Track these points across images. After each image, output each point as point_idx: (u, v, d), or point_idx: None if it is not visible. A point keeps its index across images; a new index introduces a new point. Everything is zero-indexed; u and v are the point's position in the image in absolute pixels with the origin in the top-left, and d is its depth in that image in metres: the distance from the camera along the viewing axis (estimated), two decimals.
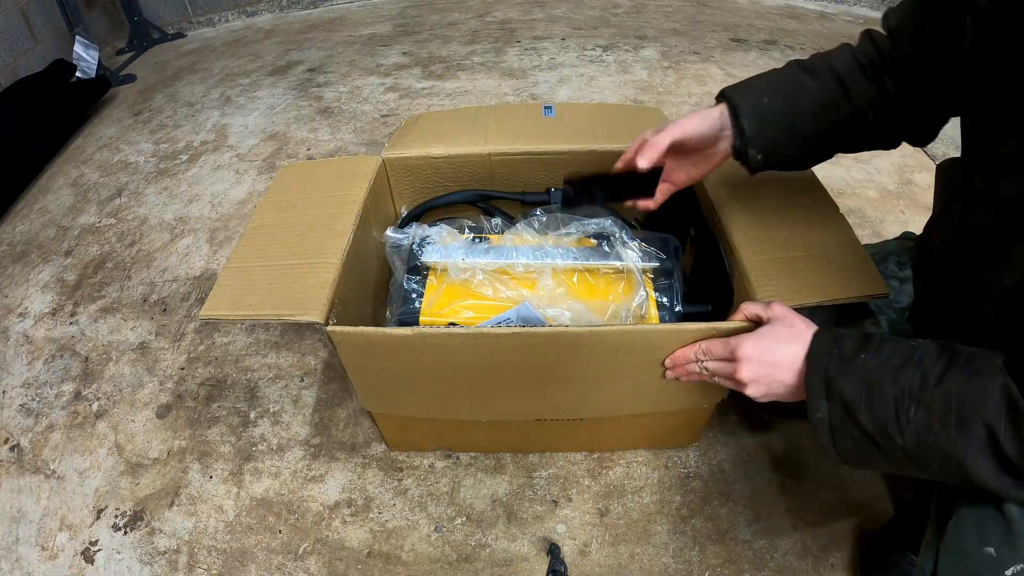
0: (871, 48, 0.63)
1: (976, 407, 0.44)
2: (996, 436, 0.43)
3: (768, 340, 0.57)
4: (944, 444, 0.45)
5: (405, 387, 0.70)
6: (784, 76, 0.65)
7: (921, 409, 0.46)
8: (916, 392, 0.46)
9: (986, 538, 0.46)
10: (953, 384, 0.45)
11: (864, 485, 0.89)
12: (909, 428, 0.46)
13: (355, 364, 0.67)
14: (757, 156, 0.64)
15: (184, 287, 1.30)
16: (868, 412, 0.48)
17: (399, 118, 1.83)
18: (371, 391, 0.73)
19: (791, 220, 0.73)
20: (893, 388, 0.47)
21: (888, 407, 0.47)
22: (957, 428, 0.44)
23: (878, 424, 0.48)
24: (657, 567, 0.82)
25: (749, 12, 2.59)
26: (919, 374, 0.47)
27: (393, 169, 0.91)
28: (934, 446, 0.46)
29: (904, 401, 0.47)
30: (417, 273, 0.81)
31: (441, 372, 0.64)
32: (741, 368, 0.57)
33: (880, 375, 0.48)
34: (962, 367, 0.46)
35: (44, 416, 1.06)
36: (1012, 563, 0.44)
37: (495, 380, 0.65)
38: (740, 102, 0.64)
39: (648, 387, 0.67)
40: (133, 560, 0.86)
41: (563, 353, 0.63)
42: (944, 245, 0.61)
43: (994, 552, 0.45)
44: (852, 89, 0.62)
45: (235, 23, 2.79)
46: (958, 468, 0.45)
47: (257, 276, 0.69)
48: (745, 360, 0.57)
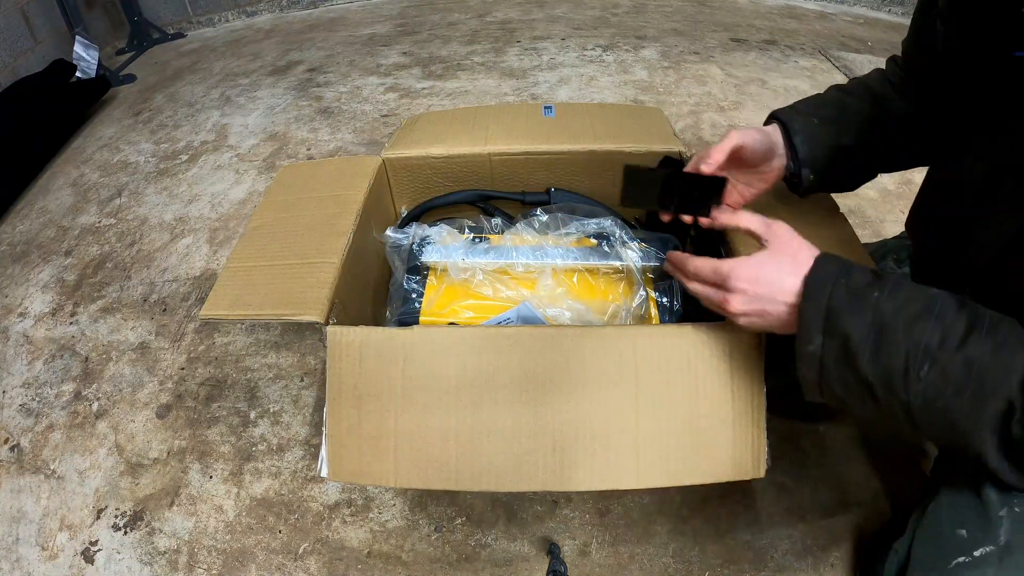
0: (896, 68, 0.66)
1: (998, 382, 0.41)
2: (1013, 414, 0.40)
3: (766, 269, 0.51)
4: (953, 411, 0.43)
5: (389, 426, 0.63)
6: (828, 98, 0.67)
7: (936, 370, 0.43)
8: (933, 350, 0.43)
9: (960, 521, 0.46)
10: (977, 351, 0.42)
11: (864, 485, 0.89)
12: (917, 387, 0.43)
13: (340, 374, 0.64)
14: (810, 176, 0.64)
15: (184, 287, 1.30)
16: (873, 359, 0.45)
17: (399, 118, 1.83)
18: (347, 437, 0.63)
19: (791, 219, 0.73)
20: (907, 339, 0.43)
21: (898, 359, 0.44)
22: (972, 399, 0.42)
23: (882, 374, 0.45)
24: (657, 567, 0.82)
25: (749, 12, 2.59)
26: (939, 330, 0.43)
27: (393, 169, 0.90)
28: (942, 410, 0.43)
29: (917, 356, 0.43)
30: (417, 273, 0.81)
31: (437, 385, 0.63)
32: (732, 300, 0.52)
33: (894, 321, 0.44)
34: (986, 333, 0.42)
35: (44, 416, 1.06)
36: (983, 545, 0.44)
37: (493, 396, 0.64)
38: (792, 122, 0.64)
39: None
40: (133, 560, 0.86)
41: (564, 353, 0.63)
42: (933, 232, 0.61)
43: (966, 534, 0.45)
44: (888, 104, 0.64)
45: (235, 23, 2.79)
46: (960, 437, 0.43)
47: (257, 276, 0.69)
48: (738, 292, 0.52)
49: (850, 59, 2.12)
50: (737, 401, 0.61)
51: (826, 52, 2.18)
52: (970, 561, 0.43)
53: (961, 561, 0.44)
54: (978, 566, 0.43)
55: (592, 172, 0.92)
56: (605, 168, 0.91)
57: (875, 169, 0.68)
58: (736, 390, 0.61)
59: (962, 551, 0.44)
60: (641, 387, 0.61)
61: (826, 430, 0.96)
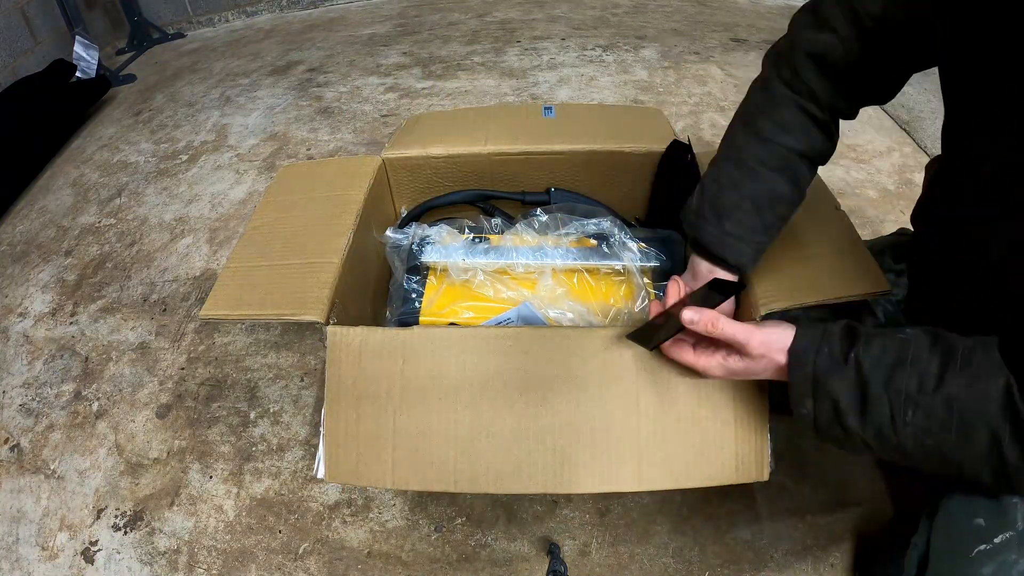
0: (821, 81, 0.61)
1: (978, 413, 0.42)
2: (999, 441, 0.42)
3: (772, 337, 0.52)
4: (944, 447, 0.44)
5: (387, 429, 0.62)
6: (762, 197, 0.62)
7: (920, 413, 0.45)
8: (914, 396, 0.45)
9: (975, 511, 0.47)
10: (953, 387, 0.44)
11: (864, 485, 0.89)
12: (906, 431, 0.45)
13: (339, 374, 0.64)
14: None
15: (184, 287, 1.30)
16: (860, 416, 0.47)
17: (399, 118, 1.83)
18: (345, 437, 0.63)
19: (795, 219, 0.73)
20: (888, 390, 0.46)
21: (883, 411, 0.46)
22: (958, 433, 0.43)
23: (872, 427, 0.47)
24: (657, 567, 0.82)
25: (749, 12, 2.59)
26: (916, 375, 0.45)
27: (393, 169, 0.90)
28: (933, 448, 0.45)
29: (901, 405, 0.45)
30: (417, 273, 0.81)
31: (437, 385, 0.63)
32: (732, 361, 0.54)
33: (873, 376, 0.47)
34: (960, 367, 0.44)
35: (44, 416, 1.06)
36: (1001, 532, 0.44)
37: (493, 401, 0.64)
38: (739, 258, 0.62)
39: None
40: (133, 560, 0.86)
41: (564, 354, 0.63)
42: (934, 232, 0.61)
43: (984, 523, 0.46)
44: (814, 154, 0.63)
45: (235, 23, 2.79)
46: (957, 469, 0.45)
47: (257, 276, 0.69)
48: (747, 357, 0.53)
49: None
50: (739, 402, 0.61)
51: None
52: (991, 548, 0.44)
53: (983, 548, 0.45)
54: (1000, 552, 0.44)
55: (592, 172, 0.92)
56: (605, 168, 0.91)
57: None
58: (738, 392, 0.61)
59: (982, 539, 0.45)
60: (642, 388, 0.61)
61: None
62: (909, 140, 1.64)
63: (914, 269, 0.73)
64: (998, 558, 0.43)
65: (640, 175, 0.92)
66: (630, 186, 0.93)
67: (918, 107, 1.79)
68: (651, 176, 0.92)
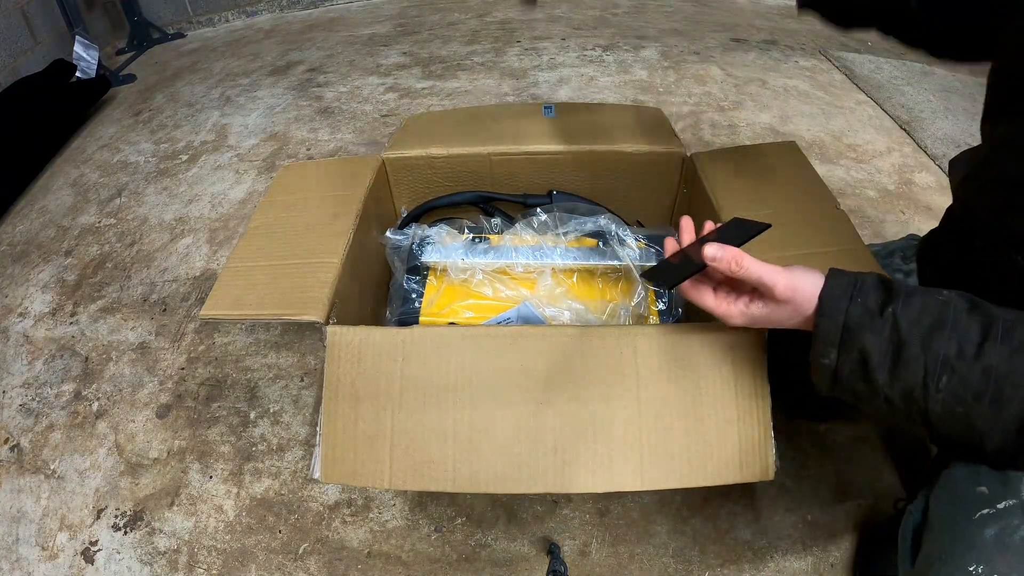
0: None
1: (1016, 388, 0.42)
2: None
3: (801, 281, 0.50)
4: (973, 417, 0.44)
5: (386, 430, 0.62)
6: None
7: (956, 379, 0.44)
8: (952, 361, 0.44)
9: (979, 480, 0.47)
10: (993, 358, 0.43)
11: (864, 485, 0.89)
12: (937, 397, 0.44)
13: (338, 374, 0.64)
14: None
15: (184, 287, 1.30)
16: (891, 374, 0.46)
17: (399, 118, 1.83)
18: (341, 438, 0.62)
19: (791, 217, 0.73)
20: (924, 352, 0.44)
21: (916, 373, 0.45)
22: (991, 405, 0.43)
23: (901, 387, 0.46)
24: (657, 567, 0.82)
25: (749, 12, 2.59)
26: (955, 341, 0.44)
27: (393, 169, 0.91)
28: (962, 415, 0.44)
29: (936, 368, 0.44)
30: (417, 273, 0.81)
31: (435, 381, 0.63)
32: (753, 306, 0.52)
33: (911, 335, 0.45)
34: (1002, 339, 0.43)
35: (44, 416, 1.06)
36: (1004, 499, 0.44)
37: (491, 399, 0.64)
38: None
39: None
40: (133, 560, 0.86)
41: (564, 353, 0.63)
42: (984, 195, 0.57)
43: (987, 491, 0.46)
44: None
45: (235, 23, 2.79)
46: (979, 439, 0.44)
47: (257, 276, 0.69)
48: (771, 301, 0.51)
49: (850, 59, 2.12)
50: (741, 401, 0.60)
51: (826, 52, 2.18)
52: (995, 512, 0.44)
53: (986, 512, 0.44)
54: (1003, 516, 0.43)
55: (592, 172, 0.92)
56: (605, 168, 0.91)
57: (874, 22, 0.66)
58: (740, 390, 0.61)
59: (985, 504, 0.45)
60: (642, 387, 0.61)
61: (826, 430, 0.96)
62: (909, 140, 1.64)
63: (925, 271, 0.72)
64: (1002, 521, 0.43)
65: (640, 175, 0.92)
66: (630, 186, 0.93)
67: (918, 107, 1.79)
68: (651, 176, 0.92)
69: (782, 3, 2.68)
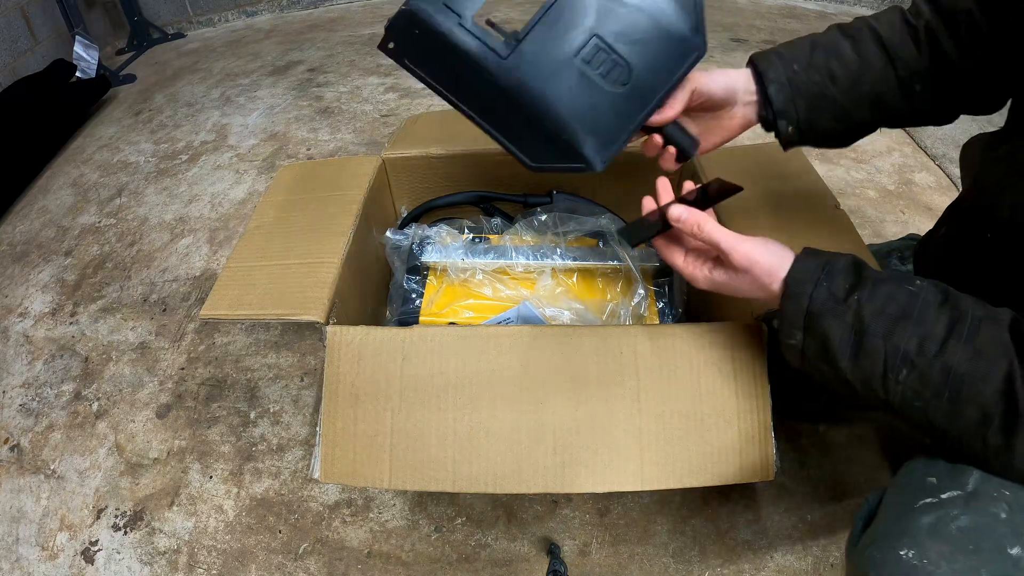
0: (928, 6, 0.57)
1: (974, 390, 0.42)
2: (989, 422, 0.42)
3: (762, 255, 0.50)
4: (931, 413, 0.44)
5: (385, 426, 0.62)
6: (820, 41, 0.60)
7: (915, 375, 0.44)
8: (912, 356, 0.44)
9: (932, 471, 0.46)
10: (954, 357, 0.42)
11: (864, 485, 0.89)
12: (896, 389, 0.45)
13: (338, 374, 0.64)
14: (788, 128, 0.61)
15: (184, 287, 1.30)
16: (852, 361, 0.46)
17: (399, 118, 1.83)
18: (341, 437, 0.62)
19: (791, 217, 0.73)
20: (886, 343, 0.44)
21: (876, 362, 0.45)
22: (949, 403, 0.43)
23: (861, 375, 0.46)
24: (657, 567, 0.82)
25: (749, 12, 2.59)
26: (917, 335, 0.44)
27: (393, 169, 0.91)
28: (920, 410, 0.44)
29: (896, 361, 0.44)
30: (417, 273, 0.81)
31: (436, 382, 0.63)
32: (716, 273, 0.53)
33: (873, 326, 0.45)
34: (966, 338, 0.43)
35: (44, 416, 1.06)
36: (950, 489, 0.44)
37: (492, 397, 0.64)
38: (767, 69, 0.60)
39: None
40: (133, 560, 0.86)
41: (564, 353, 0.63)
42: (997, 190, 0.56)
43: (936, 481, 0.45)
44: (897, 56, 0.57)
45: (235, 23, 2.79)
46: (940, 435, 0.45)
47: (257, 276, 0.69)
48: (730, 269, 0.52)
49: None
50: (741, 400, 0.60)
51: None
52: (936, 502, 0.44)
53: (928, 501, 0.44)
54: (943, 506, 0.43)
55: None
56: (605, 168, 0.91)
57: (873, 125, 0.62)
58: (740, 389, 0.61)
59: (930, 493, 0.45)
60: (642, 386, 0.61)
61: (826, 430, 0.95)
62: (909, 140, 1.64)
63: (922, 265, 0.72)
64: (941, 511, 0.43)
65: (641, 175, 0.92)
66: (631, 186, 0.93)
67: None
68: (651, 176, 0.92)
69: (782, 3, 2.68)
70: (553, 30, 0.61)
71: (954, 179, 1.46)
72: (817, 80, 0.59)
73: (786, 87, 0.59)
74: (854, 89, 0.59)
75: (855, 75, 0.59)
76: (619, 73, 0.60)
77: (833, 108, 0.60)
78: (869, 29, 0.59)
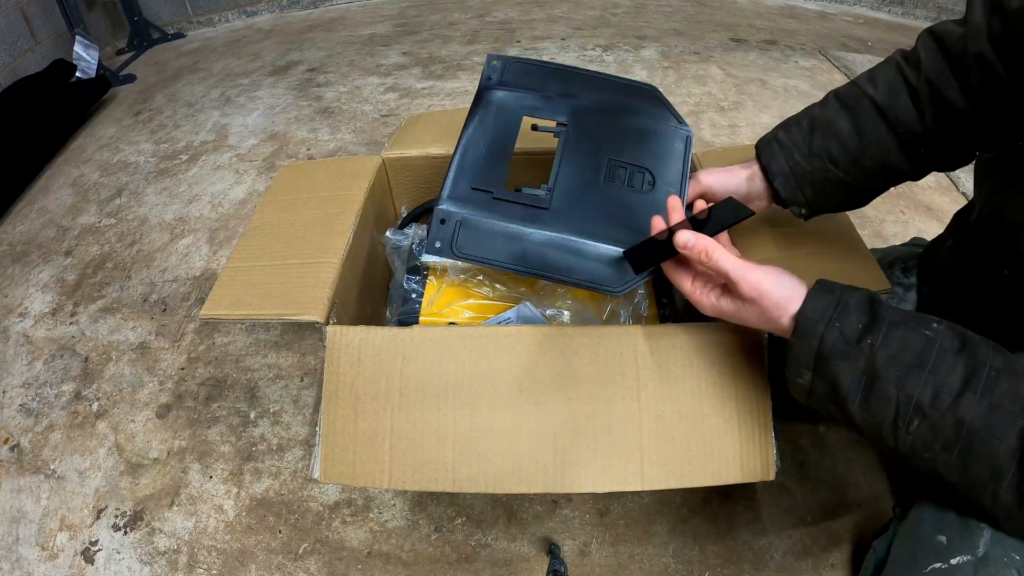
0: (930, 56, 0.55)
1: (987, 448, 0.40)
2: (999, 480, 0.40)
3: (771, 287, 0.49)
4: (940, 465, 0.43)
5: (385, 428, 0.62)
6: (819, 121, 0.61)
7: (926, 426, 0.42)
8: (925, 407, 0.42)
9: (942, 526, 0.45)
10: (968, 412, 0.41)
11: (864, 485, 0.89)
12: (906, 438, 0.43)
13: (338, 374, 0.64)
14: (801, 211, 0.63)
15: (184, 287, 1.30)
16: (862, 406, 0.45)
17: (399, 118, 1.83)
18: (341, 437, 0.62)
19: (791, 216, 0.73)
20: (898, 392, 0.43)
21: (887, 410, 0.43)
22: (960, 457, 0.41)
23: (870, 421, 0.45)
24: (657, 567, 0.82)
25: (749, 12, 2.59)
26: (931, 386, 0.42)
27: (393, 169, 0.90)
28: (929, 460, 0.43)
29: (908, 411, 0.42)
30: (417, 273, 0.81)
31: (436, 383, 0.63)
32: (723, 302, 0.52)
33: (886, 372, 0.43)
34: (982, 392, 0.41)
35: (44, 416, 1.06)
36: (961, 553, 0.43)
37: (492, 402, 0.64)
38: (771, 163, 0.61)
39: None
40: (133, 560, 0.86)
41: (564, 353, 0.63)
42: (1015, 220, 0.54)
43: (945, 541, 0.44)
44: (898, 123, 0.57)
45: (235, 23, 2.79)
46: (947, 487, 0.44)
47: (257, 276, 0.69)
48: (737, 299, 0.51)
49: (850, 59, 2.12)
50: (741, 401, 0.60)
51: (826, 52, 2.18)
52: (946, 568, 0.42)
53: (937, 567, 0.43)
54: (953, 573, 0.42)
55: None
56: None
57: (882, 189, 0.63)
58: (740, 390, 0.61)
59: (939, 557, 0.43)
60: (643, 386, 0.61)
61: (826, 430, 0.96)
62: None
63: (925, 287, 0.72)
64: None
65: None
66: None
67: None
68: None
69: (782, 3, 2.68)
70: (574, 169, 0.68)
71: (954, 179, 1.46)
72: (819, 167, 0.60)
73: (790, 178, 0.61)
74: (856, 167, 0.59)
75: (855, 154, 0.59)
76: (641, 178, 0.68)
77: (838, 187, 0.61)
78: (867, 98, 0.59)
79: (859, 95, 0.60)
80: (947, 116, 0.56)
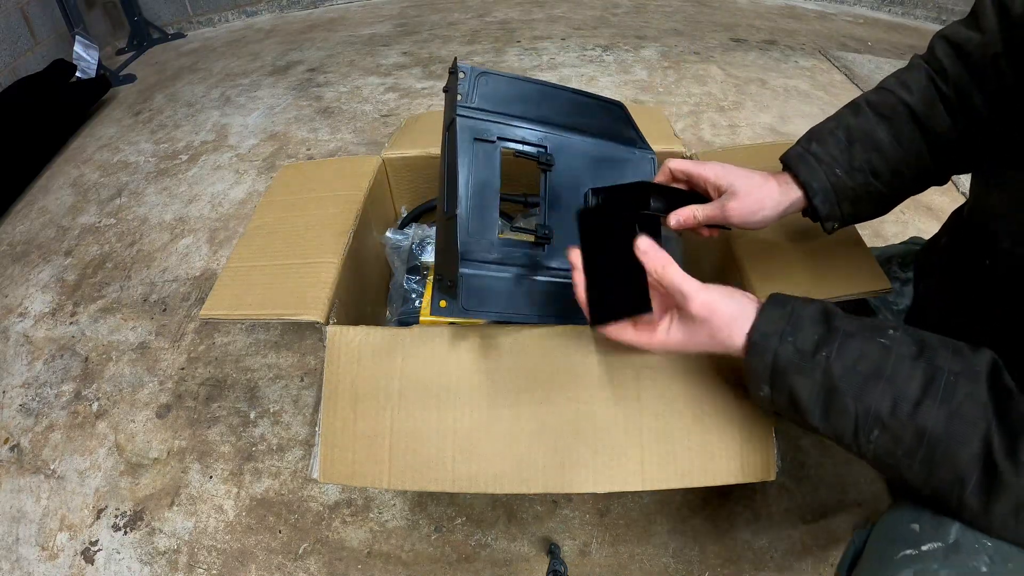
0: (952, 61, 0.55)
1: (949, 454, 0.41)
2: (963, 485, 0.41)
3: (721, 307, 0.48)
4: (904, 471, 0.43)
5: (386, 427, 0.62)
6: (856, 132, 0.58)
7: (887, 436, 0.42)
8: (884, 417, 0.42)
9: (917, 517, 0.46)
10: (929, 419, 0.41)
11: (864, 485, 0.89)
12: (869, 447, 0.44)
13: (338, 374, 0.64)
14: (834, 226, 0.61)
15: (184, 287, 1.30)
16: (823, 418, 0.45)
17: (399, 118, 1.83)
18: (341, 437, 0.62)
19: (791, 216, 0.73)
20: (856, 404, 0.43)
21: (847, 422, 0.44)
22: (922, 464, 0.42)
23: (832, 432, 0.45)
24: (657, 567, 0.82)
25: (749, 12, 2.59)
26: (889, 396, 0.42)
27: (393, 169, 0.90)
28: (893, 467, 0.44)
29: (867, 421, 0.43)
30: (417, 273, 0.81)
31: (437, 382, 0.63)
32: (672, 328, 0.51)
33: (843, 384, 0.43)
34: (941, 399, 0.41)
35: (44, 416, 1.06)
36: (932, 540, 0.43)
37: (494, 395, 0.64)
38: (810, 179, 0.58)
39: None
40: (133, 560, 0.86)
41: (565, 352, 0.63)
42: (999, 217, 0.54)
43: (918, 529, 0.44)
44: (932, 131, 0.56)
45: (235, 23, 2.79)
46: (915, 490, 0.44)
47: (257, 276, 0.69)
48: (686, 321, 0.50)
49: (850, 59, 2.12)
50: (742, 400, 0.60)
51: (826, 52, 2.18)
52: (917, 554, 0.43)
53: (908, 553, 0.43)
54: (923, 559, 0.42)
55: None
56: None
57: (908, 196, 0.62)
58: (740, 390, 0.61)
59: (911, 544, 0.44)
60: (643, 387, 0.61)
61: None
62: None
63: (921, 283, 0.72)
64: (919, 564, 0.42)
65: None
66: None
67: None
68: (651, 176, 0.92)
69: (782, 3, 2.68)
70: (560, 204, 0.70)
71: (954, 180, 1.46)
72: (861, 181, 0.58)
73: (831, 194, 0.58)
74: (897, 177, 0.58)
75: (895, 165, 0.58)
76: None
77: (875, 199, 0.59)
78: (904, 105, 0.57)
79: (895, 103, 0.58)
80: (973, 122, 0.56)
